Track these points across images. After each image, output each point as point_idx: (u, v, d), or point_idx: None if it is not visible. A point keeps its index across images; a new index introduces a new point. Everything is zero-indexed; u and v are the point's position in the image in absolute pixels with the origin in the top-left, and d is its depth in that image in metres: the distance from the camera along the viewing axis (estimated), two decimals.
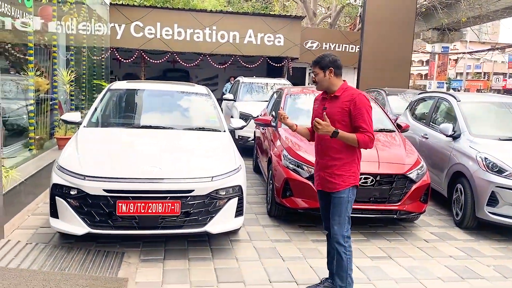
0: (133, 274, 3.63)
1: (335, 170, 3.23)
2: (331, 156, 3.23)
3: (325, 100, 3.34)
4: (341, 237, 3.21)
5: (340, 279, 3.25)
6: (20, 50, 6.75)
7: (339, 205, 3.22)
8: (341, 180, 3.21)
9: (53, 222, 3.90)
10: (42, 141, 7.03)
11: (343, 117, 3.20)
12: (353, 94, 3.23)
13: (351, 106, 3.18)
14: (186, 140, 4.75)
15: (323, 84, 3.29)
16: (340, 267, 3.24)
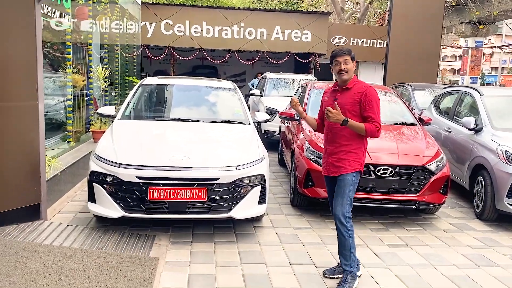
0: (163, 254, 3.94)
1: (342, 156, 3.44)
2: (340, 143, 3.44)
3: (336, 92, 3.54)
4: (343, 217, 3.40)
5: (344, 258, 3.44)
6: (59, 49, 7.18)
7: (343, 187, 3.42)
8: (347, 164, 3.42)
9: (91, 206, 4.24)
10: (79, 134, 7.47)
11: (354, 108, 3.41)
12: (364, 86, 3.44)
13: (362, 97, 3.39)
14: (213, 132, 5.03)
15: (351, 73, 3.45)
16: (343, 246, 3.43)
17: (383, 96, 6.63)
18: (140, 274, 3.43)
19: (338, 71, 3.45)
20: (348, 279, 3.41)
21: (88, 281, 3.24)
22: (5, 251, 3.58)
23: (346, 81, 3.48)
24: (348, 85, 3.47)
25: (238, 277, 3.58)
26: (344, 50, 3.47)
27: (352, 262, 3.43)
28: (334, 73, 3.50)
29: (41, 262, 3.46)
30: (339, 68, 3.44)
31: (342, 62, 3.43)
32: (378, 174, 4.91)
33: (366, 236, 4.69)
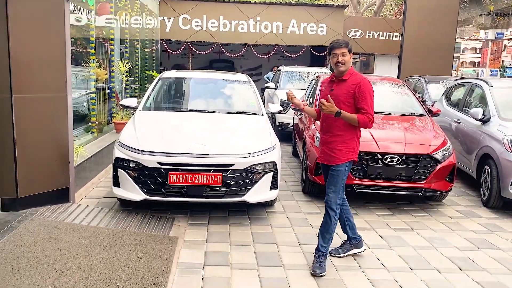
0: (182, 234, 4.26)
1: (336, 146, 3.59)
2: (334, 133, 3.60)
3: (333, 83, 3.69)
4: (335, 204, 3.61)
5: (323, 239, 3.65)
6: (82, 44, 7.55)
7: (336, 177, 3.61)
8: (340, 155, 3.58)
9: (116, 190, 4.58)
10: (102, 125, 7.85)
11: (348, 99, 3.55)
12: (358, 79, 3.57)
13: (356, 89, 3.53)
14: (228, 122, 5.32)
15: (347, 65, 3.57)
16: (327, 230, 3.65)
17: (393, 88, 6.84)
18: (161, 251, 3.75)
19: (335, 63, 3.55)
20: (322, 258, 3.64)
21: (114, 255, 3.57)
22: (39, 228, 3.95)
23: (342, 72, 3.59)
24: (344, 76, 3.60)
25: (250, 255, 3.88)
26: (341, 43, 3.59)
27: (328, 245, 3.68)
28: (332, 64, 3.61)
29: (71, 238, 3.82)
30: (336, 60, 3.54)
31: (340, 54, 3.53)
32: (385, 162, 5.13)
33: (373, 220, 4.93)
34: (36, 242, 3.67)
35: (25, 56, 4.25)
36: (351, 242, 3.92)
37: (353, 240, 3.93)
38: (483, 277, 3.66)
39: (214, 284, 3.33)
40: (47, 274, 3.17)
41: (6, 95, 4.13)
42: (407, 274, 3.66)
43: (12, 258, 3.36)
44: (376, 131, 5.48)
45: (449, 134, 7.03)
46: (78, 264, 3.37)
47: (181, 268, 3.55)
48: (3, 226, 3.97)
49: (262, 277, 3.49)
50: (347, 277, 3.56)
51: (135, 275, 3.28)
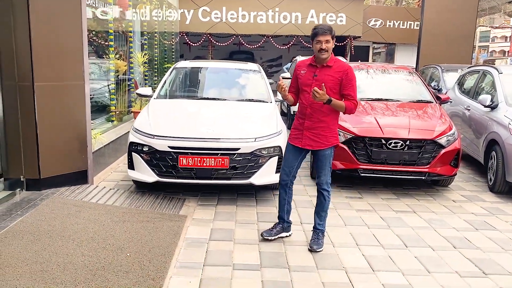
0: (191, 213, 4.53)
1: (321, 131, 3.68)
2: (319, 118, 3.67)
3: (315, 68, 3.69)
4: (326, 185, 3.79)
5: (319, 218, 3.85)
6: (102, 37, 7.89)
7: (324, 161, 3.76)
8: (325, 140, 3.70)
9: (130, 173, 4.89)
10: (121, 115, 8.20)
11: (334, 85, 3.61)
12: (344, 66, 3.66)
13: (343, 76, 3.60)
14: (237, 109, 5.55)
15: (330, 52, 3.60)
16: (322, 208, 3.85)
17: (402, 75, 6.94)
18: (170, 227, 4.03)
19: (318, 49, 3.58)
20: (320, 235, 3.84)
21: (126, 230, 3.87)
22: (59, 206, 4.29)
23: (325, 59, 3.62)
24: (328, 62, 3.64)
25: (253, 232, 4.12)
26: (325, 29, 3.59)
27: (324, 222, 3.88)
28: (315, 51, 3.62)
29: (88, 215, 4.14)
30: (320, 46, 3.57)
31: (324, 41, 3.56)
32: (389, 147, 5.27)
33: (376, 203, 5.09)
34: (55, 217, 4.00)
35: (45, 46, 4.57)
36: (283, 225, 4.02)
37: (284, 223, 4.03)
38: (475, 254, 3.81)
39: (216, 256, 3.59)
40: (64, 244, 3.49)
41: (28, 83, 4.47)
42: (401, 251, 3.83)
43: (34, 230, 3.70)
44: (381, 117, 5.62)
45: (460, 121, 7.10)
46: (92, 236, 3.68)
47: (188, 243, 3.83)
48: (27, 204, 4.33)
49: (262, 251, 3.72)
50: (342, 253, 3.76)
51: (144, 247, 3.56)
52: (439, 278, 3.36)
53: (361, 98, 6.31)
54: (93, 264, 3.22)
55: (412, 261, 3.65)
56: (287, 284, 3.21)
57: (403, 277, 3.37)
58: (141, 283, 3.02)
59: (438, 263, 3.62)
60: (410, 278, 3.34)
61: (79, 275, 3.04)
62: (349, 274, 3.38)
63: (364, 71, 7.06)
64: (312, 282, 3.25)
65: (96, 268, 3.17)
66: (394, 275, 3.40)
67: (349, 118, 5.59)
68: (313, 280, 3.28)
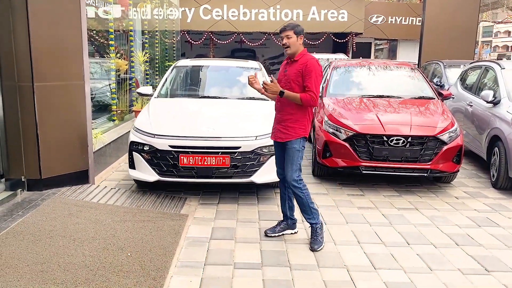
0: (192, 212, 4.52)
1: (289, 124, 3.73)
2: (287, 111, 3.73)
3: (287, 64, 3.83)
4: (295, 182, 3.75)
5: (306, 213, 3.84)
6: (103, 36, 7.88)
7: (292, 155, 3.76)
8: (292, 132, 3.72)
9: (131, 172, 4.89)
10: (123, 114, 8.21)
11: (297, 78, 3.68)
12: (307, 59, 3.70)
13: (303, 68, 3.65)
14: (237, 107, 5.54)
15: (293, 48, 3.68)
16: (302, 204, 3.81)
17: (403, 72, 6.90)
18: (171, 226, 4.03)
19: (282, 45, 3.72)
20: (317, 231, 3.81)
21: (127, 230, 3.87)
22: (60, 206, 4.29)
23: (290, 54, 3.73)
24: (296, 57, 3.73)
25: (254, 230, 4.11)
26: (286, 26, 3.71)
27: (314, 214, 3.81)
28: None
29: (89, 214, 4.14)
30: (282, 42, 3.71)
31: (284, 37, 3.67)
32: (391, 144, 5.25)
33: (379, 201, 5.07)
34: (56, 217, 4.00)
35: (45, 47, 4.56)
36: (287, 222, 4.04)
37: (289, 220, 4.05)
38: (478, 251, 3.78)
39: (217, 255, 3.58)
40: (65, 244, 3.49)
41: (28, 83, 4.47)
42: (404, 249, 3.81)
43: (35, 230, 3.70)
44: (383, 113, 5.60)
45: (463, 117, 7.06)
46: (93, 236, 3.68)
47: (189, 242, 3.82)
48: (28, 204, 4.33)
49: (263, 249, 3.71)
50: (344, 251, 3.74)
51: (145, 247, 3.56)
52: (441, 276, 3.34)
53: (363, 95, 6.30)
54: (94, 264, 3.22)
55: (414, 258, 3.63)
56: (288, 282, 3.20)
57: (405, 275, 3.35)
58: (142, 282, 3.02)
59: (440, 261, 3.59)
60: (412, 276, 3.32)
61: (80, 275, 3.04)
62: (350, 272, 3.36)
63: (365, 68, 7.03)
64: (313, 280, 3.24)
65: (97, 268, 3.16)
66: (396, 273, 3.38)
67: (351, 116, 5.60)
68: (315, 278, 3.27)
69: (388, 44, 23.14)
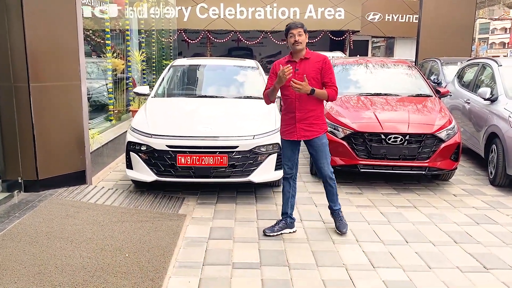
0: (190, 212, 4.51)
1: (312, 121, 3.85)
2: (308, 108, 3.82)
3: (294, 63, 3.81)
4: (331, 173, 3.99)
5: (332, 201, 4.09)
6: (99, 35, 7.85)
7: (323, 149, 3.93)
8: (318, 128, 3.89)
9: (129, 172, 4.87)
10: (120, 114, 8.18)
11: (316, 75, 3.79)
12: (321, 55, 3.86)
13: (323, 65, 3.80)
14: (235, 107, 5.52)
15: (303, 44, 3.77)
16: (332, 194, 4.07)
17: (401, 70, 6.89)
18: (169, 227, 4.01)
19: (293, 42, 3.75)
20: (341, 215, 4.12)
21: (124, 230, 3.85)
22: (57, 207, 4.27)
23: (300, 51, 3.78)
24: (306, 55, 3.81)
25: (253, 229, 4.10)
26: (297, 24, 3.79)
27: (338, 201, 4.12)
28: (289, 45, 3.79)
29: (86, 215, 4.12)
30: (294, 39, 3.73)
31: (296, 34, 3.72)
32: (389, 142, 5.24)
33: (377, 199, 5.07)
34: (54, 219, 3.98)
35: (41, 47, 4.54)
36: (286, 221, 4.06)
37: (288, 219, 4.07)
38: (477, 249, 3.78)
39: (215, 255, 3.57)
40: (62, 246, 3.47)
41: (24, 84, 4.44)
42: (402, 247, 3.81)
43: (32, 232, 3.68)
44: (380, 112, 5.59)
45: (460, 115, 7.06)
46: (91, 237, 3.66)
47: (187, 242, 3.81)
48: (25, 205, 4.31)
49: (262, 249, 3.70)
50: (343, 249, 3.74)
51: (143, 248, 3.54)
52: (440, 274, 3.33)
53: (360, 93, 6.29)
54: (91, 265, 3.20)
55: (413, 257, 3.62)
56: (287, 282, 3.19)
57: (403, 273, 3.35)
58: (140, 284, 3.00)
59: (439, 259, 3.59)
60: (411, 274, 3.32)
61: (77, 277, 3.03)
62: (349, 271, 3.36)
63: (362, 66, 7.02)
64: (312, 279, 3.23)
65: (95, 269, 3.15)
66: (395, 271, 3.38)
67: (348, 114, 5.59)
68: (313, 277, 3.26)
69: (385, 41, 23.14)
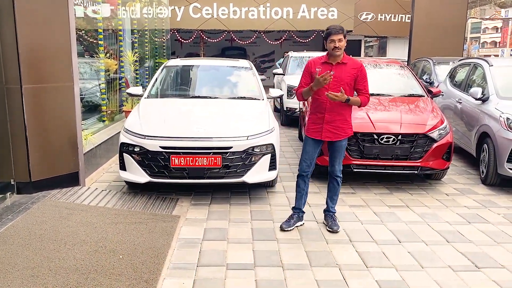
0: (184, 213, 4.51)
1: (339, 124, 4.02)
2: (337, 112, 3.98)
3: (330, 65, 3.94)
4: (340, 172, 4.19)
5: (332, 202, 4.23)
6: (92, 36, 7.82)
7: (341, 151, 4.13)
8: (342, 131, 4.05)
9: (122, 174, 4.86)
10: (113, 114, 8.15)
11: (351, 81, 3.95)
12: (358, 63, 3.97)
13: (358, 72, 3.95)
14: (228, 107, 5.52)
15: (342, 51, 3.89)
16: (335, 193, 4.23)
17: (393, 70, 6.93)
18: (163, 228, 4.01)
19: (332, 48, 3.85)
20: (335, 217, 4.23)
21: (118, 232, 3.85)
22: (51, 209, 4.26)
23: (339, 56, 3.91)
24: (343, 60, 3.92)
25: (247, 230, 4.11)
26: (338, 29, 3.85)
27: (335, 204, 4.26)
28: (329, 49, 3.89)
29: (80, 217, 4.11)
30: (333, 45, 3.84)
31: (337, 40, 3.82)
32: (381, 142, 5.28)
33: (370, 198, 5.10)
34: (47, 221, 3.97)
35: (33, 48, 4.52)
36: (299, 215, 4.25)
37: (299, 213, 4.26)
38: (468, 248, 3.82)
39: (209, 256, 3.58)
40: (56, 248, 3.46)
41: (16, 85, 4.42)
42: (395, 247, 3.84)
43: (25, 234, 3.67)
44: (373, 112, 5.62)
45: (452, 114, 7.12)
46: (85, 239, 3.65)
47: (181, 243, 3.81)
48: (18, 207, 4.29)
49: (256, 249, 3.72)
50: (336, 249, 3.76)
51: (137, 249, 3.54)
52: (432, 273, 3.37)
53: None
54: (85, 267, 3.20)
55: (406, 256, 3.66)
56: (281, 282, 3.20)
57: (396, 273, 3.37)
58: (134, 285, 3.01)
59: (431, 258, 3.63)
60: (403, 274, 3.35)
61: (71, 279, 3.02)
62: (342, 271, 3.38)
63: None
64: (305, 280, 3.25)
65: (89, 271, 3.15)
66: (388, 271, 3.40)
67: None
68: (307, 277, 3.28)
69: (378, 41, 23.24)
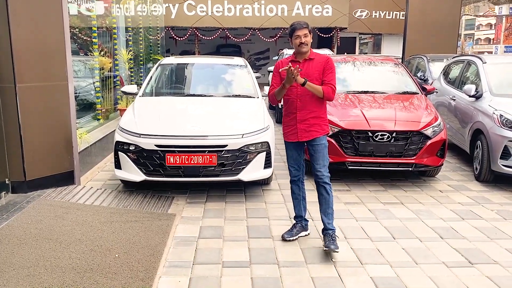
0: (180, 211, 4.52)
1: (313, 121, 3.70)
2: (309, 109, 3.69)
3: (297, 63, 3.70)
4: (327, 178, 3.74)
5: (327, 217, 3.73)
6: (86, 34, 7.79)
7: (322, 150, 3.74)
8: (319, 128, 3.72)
9: (117, 172, 4.86)
10: (108, 113, 8.13)
11: (319, 76, 3.66)
12: (325, 56, 3.74)
13: (325, 65, 3.66)
14: (223, 105, 5.53)
15: (308, 47, 3.68)
16: (327, 204, 3.74)
17: (387, 67, 6.96)
18: (159, 226, 4.02)
19: (298, 44, 3.63)
20: (335, 237, 3.69)
21: (114, 231, 3.85)
22: (46, 208, 4.25)
23: (305, 52, 3.69)
24: (310, 55, 3.71)
25: (242, 228, 4.13)
26: (302, 24, 3.66)
27: (332, 218, 3.76)
28: (294, 46, 3.67)
29: (75, 216, 4.11)
30: (299, 41, 3.62)
31: (302, 35, 3.61)
32: (376, 139, 5.30)
33: (364, 196, 5.13)
34: (42, 220, 3.97)
35: (27, 47, 4.50)
36: (301, 224, 4.00)
37: (303, 222, 4.01)
38: (462, 244, 3.85)
39: (205, 254, 3.59)
40: (51, 247, 3.46)
41: (10, 84, 4.40)
42: (389, 243, 3.86)
43: (20, 234, 3.66)
44: (368, 109, 5.65)
45: (446, 111, 7.16)
46: (80, 238, 3.65)
47: (177, 241, 3.82)
48: (13, 207, 4.28)
49: (251, 247, 3.73)
50: None
51: (132, 248, 3.55)
52: (426, 269, 3.40)
53: (348, 91, 6.34)
54: (81, 266, 3.20)
55: (400, 253, 3.68)
56: (277, 280, 3.22)
57: (391, 269, 3.40)
58: (130, 284, 3.01)
59: (425, 254, 3.66)
60: (398, 270, 3.38)
61: (67, 278, 3.02)
62: (338, 268, 3.40)
63: (350, 64, 7.07)
64: (301, 277, 3.27)
65: (84, 270, 3.15)
66: (383, 267, 3.43)
67: (336, 112, 5.63)
68: (302, 275, 3.30)
69: (373, 38, 23.29)
